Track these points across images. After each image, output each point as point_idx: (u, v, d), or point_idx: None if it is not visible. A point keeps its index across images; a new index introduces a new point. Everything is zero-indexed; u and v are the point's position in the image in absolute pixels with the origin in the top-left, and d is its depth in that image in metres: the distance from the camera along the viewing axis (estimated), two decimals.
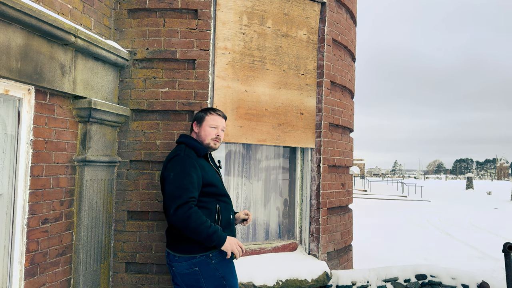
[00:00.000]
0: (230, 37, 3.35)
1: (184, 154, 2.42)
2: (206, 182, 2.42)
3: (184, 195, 2.25)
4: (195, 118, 2.65)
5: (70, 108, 2.73)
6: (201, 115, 2.64)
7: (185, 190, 2.27)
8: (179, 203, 2.22)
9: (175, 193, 2.26)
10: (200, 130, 2.60)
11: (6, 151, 2.32)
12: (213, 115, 2.62)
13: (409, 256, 6.75)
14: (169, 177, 2.34)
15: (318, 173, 3.76)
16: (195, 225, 2.21)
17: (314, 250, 3.72)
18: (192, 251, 2.34)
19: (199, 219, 2.23)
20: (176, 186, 2.28)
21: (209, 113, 2.63)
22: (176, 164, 2.37)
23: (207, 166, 2.53)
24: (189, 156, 2.42)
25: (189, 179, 2.31)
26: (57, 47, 2.50)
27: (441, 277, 3.73)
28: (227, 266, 2.42)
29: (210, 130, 2.59)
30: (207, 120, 2.61)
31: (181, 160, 2.38)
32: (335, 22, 3.92)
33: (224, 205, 2.51)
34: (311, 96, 3.76)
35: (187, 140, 2.57)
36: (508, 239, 8.76)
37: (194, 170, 2.36)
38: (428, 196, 24.70)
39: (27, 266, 2.38)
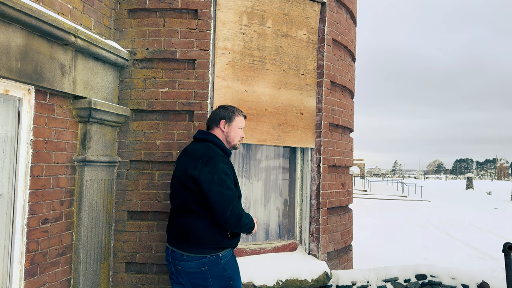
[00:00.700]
0: (230, 37, 3.35)
1: (221, 155, 2.42)
2: (234, 181, 2.47)
3: (234, 196, 2.32)
4: (223, 116, 2.58)
5: (70, 108, 2.73)
6: (230, 114, 2.59)
7: (233, 191, 2.34)
8: (234, 203, 2.29)
9: (225, 196, 2.28)
10: (230, 130, 2.58)
11: (6, 151, 2.33)
12: (240, 116, 2.63)
13: (409, 256, 6.75)
14: (213, 180, 2.30)
15: (318, 173, 3.75)
16: (246, 220, 2.35)
17: (314, 250, 3.72)
18: (204, 251, 2.35)
19: (246, 214, 2.37)
20: (225, 187, 2.30)
21: (238, 114, 2.62)
22: (217, 165, 2.34)
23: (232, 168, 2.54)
24: (223, 157, 2.44)
25: (230, 179, 2.37)
26: (57, 47, 2.50)
27: (441, 277, 3.73)
28: (234, 267, 2.45)
29: (238, 131, 2.61)
30: (237, 121, 2.60)
31: (220, 161, 2.37)
32: (335, 22, 3.92)
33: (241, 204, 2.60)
34: (311, 96, 3.76)
35: (214, 139, 2.52)
36: (508, 239, 8.76)
37: (230, 171, 2.41)
38: (428, 196, 24.70)
39: (27, 266, 2.38)
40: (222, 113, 2.59)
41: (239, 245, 3.51)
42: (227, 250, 2.41)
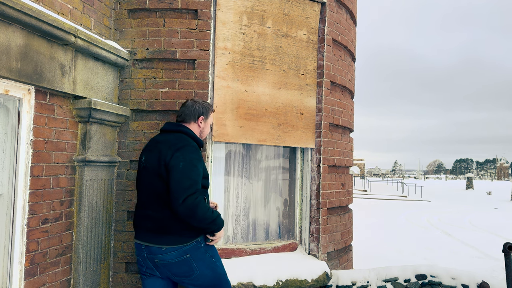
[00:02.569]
0: (230, 37, 3.35)
1: (192, 145, 2.46)
2: (204, 174, 2.48)
3: (193, 186, 2.31)
4: (202, 113, 2.64)
5: (70, 108, 2.73)
6: (207, 111, 2.67)
7: (193, 181, 2.32)
8: (189, 193, 2.27)
9: (185, 184, 2.28)
10: (205, 126, 2.67)
11: (6, 151, 2.32)
12: (212, 112, 2.73)
13: (409, 256, 6.75)
14: (178, 166, 2.33)
15: (318, 173, 3.75)
16: (202, 212, 2.29)
17: (314, 250, 3.72)
18: (184, 240, 2.37)
19: (205, 207, 2.31)
20: (187, 177, 2.31)
21: (211, 111, 2.70)
22: (187, 154, 2.38)
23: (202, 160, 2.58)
24: (196, 149, 2.47)
25: (196, 171, 2.36)
26: (57, 47, 2.50)
27: (441, 277, 3.72)
28: (211, 246, 2.54)
29: (210, 128, 2.75)
30: (211, 117, 2.72)
31: (190, 151, 2.40)
32: (335, 22, 3.92)
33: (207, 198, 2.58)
34: (311, 96, 3.76)
35: (188, 131, 2.56)
36: (508, 239, 8.76)
37: (200, 163, 2.42)
38: (428, 196, 24.70)
39: (27, 266, 2.38)
40: (200, 109, 2.64)
41: (239, 245, 3.51)
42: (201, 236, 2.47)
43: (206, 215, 2.33)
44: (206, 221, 2.34)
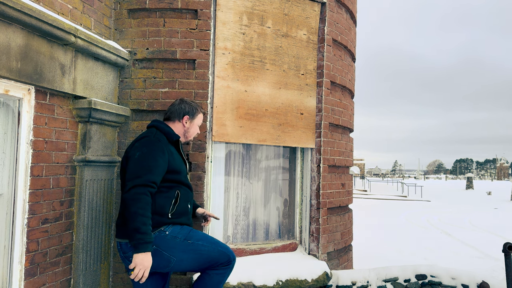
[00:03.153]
0: (230, 37, 3.35)
1: (154, 137, 2.40)
2: (172, 168, 2.40)
3: (145, 176, 2.21)
4: (187, 112, 2.63)
5: (70, 108, 2.73)
6: (194, 111, 2.65)
7: (147, 172, 2.23)
8: (137, 183, 2.18)
9: (137, 173, 2.22)
10: (191, 126, 2.65)
11: (6, 151, 2.32)
12: (201, 113, 2.71)
13: (409, 256, 6.75)
14: (134, 156, 2.30)
15: (318, 173, 3.75)
16: (136, 210, 2.12)
17: (314, 250, 3.72)
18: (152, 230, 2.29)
19: (143, 209, 2.14)
20: (140, 166, 2.25)
21: (199, 111, 2.69)
22: (145, 145, 2.34)
23: (176, 153, 2.52)
24: (159, 140, 2.40)
25: (153, 162, 2.28)
26: (57, 47, 2.50)
27: (441, 277, 3.72)
28: (182, 228, 2.41)
29: (197, 128, 2.71)
30: (198, 118, 2.68)
31: (150, 142, 2.36)
32: (335, 22, 3.92)
33: (184, 193, 2.49)
34: (311, 96, 3.76)
35: (159, 124, 2.54)
36: (508, 239, 8.76)
37: (161, 155, 2.33)
38: (428, 196, 24.70)
39: (27, 266, 2.38)
40: (187, 108, 2.62)
41: (239, 245, 3.51)
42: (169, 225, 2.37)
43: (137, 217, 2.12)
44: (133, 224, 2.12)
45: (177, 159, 2.50)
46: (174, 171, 2.42)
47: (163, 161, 2.34)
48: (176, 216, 2.42)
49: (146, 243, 2.14)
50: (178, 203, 2.44)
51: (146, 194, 2.19)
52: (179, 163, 2.49)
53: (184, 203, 2.50)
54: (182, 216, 2.46)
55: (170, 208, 2.39)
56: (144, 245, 2.13)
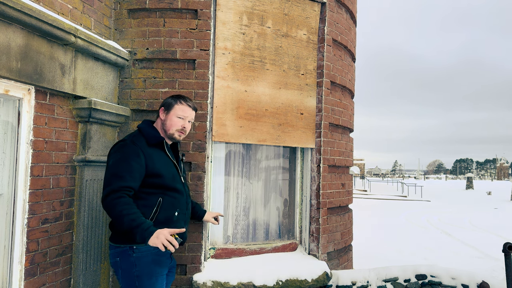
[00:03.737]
0: (230, 37, 3.35)
1: (130, 140, 2.29)
2: (151, 172, 2.26)
3: (116, 183, 2.12)
4: (163, 104, 2.49)
5: (70, 108, 2.73)
6: (170, 102, 2.46)
7: (119, 178, 2.14)
8: (109, 191, 2.11)
9: (109, 180, 2.15)
10: (166, 118, 2.45)
11: (6, 151, 2.32)
12: (182, 104, 2.45)
13: (409, 256, 6.75)
14: (108, 164, 2.25)
15: (318, 173, 3.75)
16: (117, 214, 2.06)
17: (314, 250, 3.72)
18: (118, 240, 2.24)
19: (125, 209, 2.06)
20: (112, 173, 2.17)
21: (179, 102, 2.45)
22: (118, 150, 2.26)
23: (159, 156, 2.35)
24: (134, 143, 2.27)
25: (126, 167, 2.18)
26: (57, 47, 2.50)
27: (441, 277, 3.72)
28: (147, 266, 2.22)
29: (177, 120, 2.43)
30: (176, 109, 2.44)
31: (123, 147, 2.26)
32: (335, 22, 3.92)
33: (170, 200, 2.33)
34: (311, 96, 3.76)
35: (143, 126, 2.43)
36: (508, 239, 8.76)
37: (135, 159, 2.21)
38: (428, 196, 24.70)
39: (27, 266, 2.38)
40: (165, 101, 2.49)
41: (239, 245, 3.51)
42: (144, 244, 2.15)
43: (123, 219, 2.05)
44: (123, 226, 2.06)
45: (160, 162, 2.33)
46: (155, 175, 2.27)
47: (139, 165, 2.21)
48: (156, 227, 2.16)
49: (146, 229, 2.05)
50: (160, 211, 2.28)
51: (121, 196, 2.10)
52: (160, 166, 2.32)
53: (169, 211, 2.32)
54: (163, 227, 2.19)
55: (149, 218, 2.24)
56: (147, 231, 2.05)
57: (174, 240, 2.07)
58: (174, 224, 2.32)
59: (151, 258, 2.23)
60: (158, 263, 2.25)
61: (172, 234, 2.14)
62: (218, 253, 3.38)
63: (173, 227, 2.29)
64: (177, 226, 2.33)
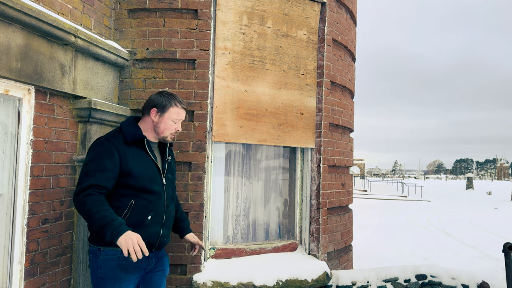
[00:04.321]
0: (230, 37, 3.35)
1: (105, 138, 2.20)
2: (124, 171, 2.14)
3: (86, 181, 2.04)
4: (155, 104, 2.29)
5: (70, 108, 2.73)
6: (164, 103, 2.28)
7: (89, 177, 2.05)
8: (79, 189, 2.03)
9: (81, 179, 2.08)
10: (160, 121, 2.29)
11: (6, 151, 2.32)
12: (178, 107, 2.31)
13: (409, 256, 6.75)
14: (84, 163, 2.18)
15: (318, 173, 3.75)
16: (88, 211, 1.98)
17: (314, 250, 3.72)
18: (91, 239, 2.19)
19: (95, 206, 1.97)
20: (84, 172, 2.09)
21: (175, 105, 2.30)
22: (92, 148, 2.18)
23: (136, 155, 2.21)
24: (109, 141, 2.17)
25: (98, 165, 2.09)
26: (57, 47, 2.50)
27: (441, 277, 3.72)
28: (111, 270, 2.12)
29: (171, 124, 2.31)
30: (171, 112, 2.30)
31: (97, 145, 2.18)
32: (335, 22, 3.92)
33: (142, 203, 2.19)
34: (311, 96, 3.76)
35: (123, 123, 2.30)
36: (508, 239, 8.76)
37: (108, 157, 2.11)
38: (428, 196, 24.70)
39: (27, 266, 2.38)
40: (156, 100, 2.29)
41: (239, 245, 3.51)
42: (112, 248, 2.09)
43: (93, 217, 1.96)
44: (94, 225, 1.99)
45: (137, 161, 2.20)
46: (127, 174, 2.15)
47: (113, 164, 2.11)
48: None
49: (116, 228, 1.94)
50: (130, 214, 2.15)
51: (91, 193, 2.01)
52: (137, 166, 2.19)
53: (141, 214, 2.19)
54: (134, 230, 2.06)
55: None
56: (117, 230, 1.94)
57: (145, 248, 1.95)
58: (146, 228, 2.19)
59: (117, 263, 2.13)
60: (124, 269, 2.14)
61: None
62: (218, 253, 3.38)
63: (145, 231, 2.16)
64: (149, 230, 2.20)
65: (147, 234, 2.18)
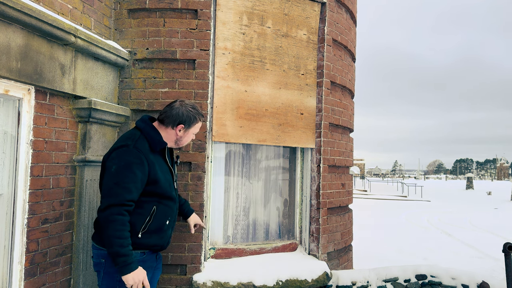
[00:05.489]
0: (230, 37, 3.35)
1: (133, 146, 2.15)
2: (151, 180, 2.18)
3: (121, 195, 2.04)
4: (184, 121, 2.32)
5: (70, 108, 2.73)
6: (192, 120, 2.35)
7: (124, 190, 2.05)
8: (112, 203, 2.03)
9: (112, 190, 2.06)
10: (184, 135, 2.36)
11: (6, 151, 2.32)
12: (199, 122, 2.40)
13: (409, 256, 6.75)
14: (110, 169, 2.10)
15: (318, 173, 3.75)
16: (112, 233, 2.01)
17: (314, 250, 3.72)
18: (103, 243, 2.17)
19: (119, 231, 2.02)
20: (115, 182, 2.06)
21: (199, 120, 2.39)
22: (122, 156, 2.11)
23: (160, 163, 2.27)
24: (139, 150, 2.14)
25: (132, 177, 2.08)
26: (57, 47, 2.50)
27: (441, 277, 3.72)
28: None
29: (191, 137, 2.41)
30: (196, 127, 2.39)
31: (127, 153, 2.12)
32: (335, 22, 3.92)
33: (163, 209, 2.27)
34: (311, 96, 3.76)
35: (145, 127, 2.27)
36: (508, 239, 8.76)
37: (140, 168, 2.11)
38: (428, 196, 24.70)
39: (27, 266, 2.38)
40: (184, 116, 2.32)
41: (239, 245, 3.51)
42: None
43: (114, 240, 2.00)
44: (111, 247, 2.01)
45: (161, 168, 2.26)
46: (154, 183, 2.19)
47: (143, 174, 2.13)
48: (147, 236, 2.19)
49: (129, 264, 2.02)
50: (152, 220, 2.21)
51: (121, 214, 2.03)
52: (162, 174, 2.25)
53: (161, 219, 2.26)
54: (153, 235, 2.22)
55: (142, 227, 2.18)
56: (129, 266, 2.02)
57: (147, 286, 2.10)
58: (164, 233, 2.30)
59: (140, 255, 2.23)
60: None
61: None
62: (218, 253, 3.38)
63: (163, 236, 2.29)
64: (166, 234, 2.32)
65: (164, 238, 2.32)
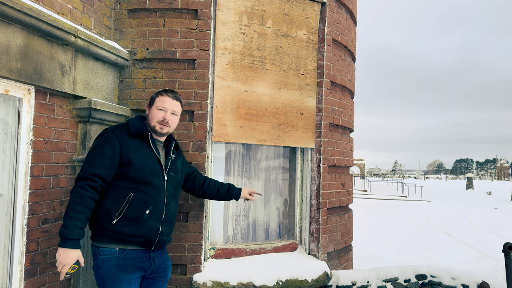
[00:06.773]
0: (230, 37, 3.35)
1: (110, 129, 2.27)
2: (124, 160, 2.17)
3: (86, 169, 2.11)
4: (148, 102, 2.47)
5: (70, 108, 2.73)
6: (153, 96, 2.42)
7: (89, 164, 2.12)
8: (79, 176, 2.11)
9: (82, 167, 2.15)
10: (149, 111, 2.38)
11: (6, 151, 2.32)
12: (163, 96, 2.37)
13: (409, 256, 6.75)
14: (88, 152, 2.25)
15: (318, 173, 3.75)
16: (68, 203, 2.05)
17: (314, 250, 3.72)
18: (93, 236, 2.21)
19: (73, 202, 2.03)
20: (87, 160, 2.16)
21: (160, 94, 2.38)
22: (97, 138, 2.26)
23: (139, 148, 2.26)
24: (112, 131, 2.24)
25: (99, 153, 2.14)
26: (57, 47, 2.50)
27: (441, 277, 3.72)
28: (110, 270, 2.13)
29: (157, 112, 2.33)
30: (156, 101, 2.37)
31: (101, 135, 2.26)
32: (335, 22, 3.92)
33: (141, 197, 2.19)
34: (311, 96, 3.76)
35: (131, 118, 2.41)
36: (508, 239, 8.76)
37: (110, 146, 2.16)
38: (428, 196, 24.70)
39: (27, 266, 2.38)
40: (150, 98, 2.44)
41: (239, 245, 3.51)
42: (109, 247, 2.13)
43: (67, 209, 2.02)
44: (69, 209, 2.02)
45: (139, 153, 2.23)
46: (129, 165, 2.17)
47: (112, 153, 2.15)
48: (124, 223, 2.14)
49: (65, 238, 1.98)
50: (128, 207, 2.15)
51: (82, 187, 2.06)
52: (139, 157, 2.22)
53: (139, 208, 2.18)
54: (131, 224, 2.15)
55: (117, 213, 2.14)
56: (64, 240, 1.99)
57: (63, 274, 2.01)
58: (145, 223, 2.19)
59: (115, 263, 2.14)
60: (122, 269, 2.14)
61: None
62: (218, 253, 3.38)
63: (143, 225, 2.18)
64: (148, 225, 2.20)
65: (146, 229, 2.19)
